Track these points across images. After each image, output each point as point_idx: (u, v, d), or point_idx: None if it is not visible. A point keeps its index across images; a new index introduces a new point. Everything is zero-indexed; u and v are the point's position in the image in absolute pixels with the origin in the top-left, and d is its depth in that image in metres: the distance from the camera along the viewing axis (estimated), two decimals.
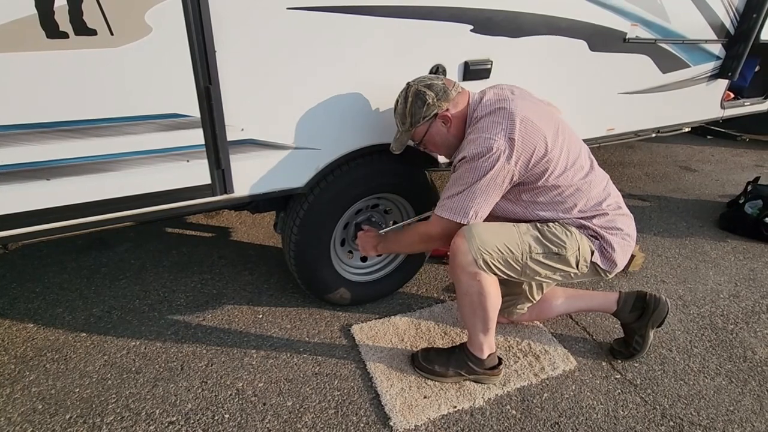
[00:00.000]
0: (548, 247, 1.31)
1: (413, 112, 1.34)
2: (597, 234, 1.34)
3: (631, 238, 1.39)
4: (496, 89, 1.38)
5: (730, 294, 2.05)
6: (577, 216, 1.34)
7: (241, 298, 1.88)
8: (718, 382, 1.57)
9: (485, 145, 1.23)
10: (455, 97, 1.34)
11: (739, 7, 2.24)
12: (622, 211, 1.40)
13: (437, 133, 1.38)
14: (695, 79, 2.35)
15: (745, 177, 3.17)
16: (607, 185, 1.40)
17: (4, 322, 1.69)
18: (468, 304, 1.37)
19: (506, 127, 1.23)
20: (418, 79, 1.36)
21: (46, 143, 1.03)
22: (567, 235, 1.32)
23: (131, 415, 1.35)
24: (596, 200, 1.35)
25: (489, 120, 1.27)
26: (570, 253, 1.31)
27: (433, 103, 1.32)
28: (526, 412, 1.42)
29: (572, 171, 1.31)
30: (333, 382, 1.49)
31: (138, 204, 1.21)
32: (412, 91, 1.34)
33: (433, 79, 1.35)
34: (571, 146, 1.33)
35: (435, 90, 1.32)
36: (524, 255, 1.30)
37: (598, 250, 1.35)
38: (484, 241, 1.27)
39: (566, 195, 1.32)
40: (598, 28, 1.80)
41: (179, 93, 1.12)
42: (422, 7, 1.38)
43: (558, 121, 1.35)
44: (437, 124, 1.36)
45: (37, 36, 0.93)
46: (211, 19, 1.08)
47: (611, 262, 1.35)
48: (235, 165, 1.29)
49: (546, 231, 1.32)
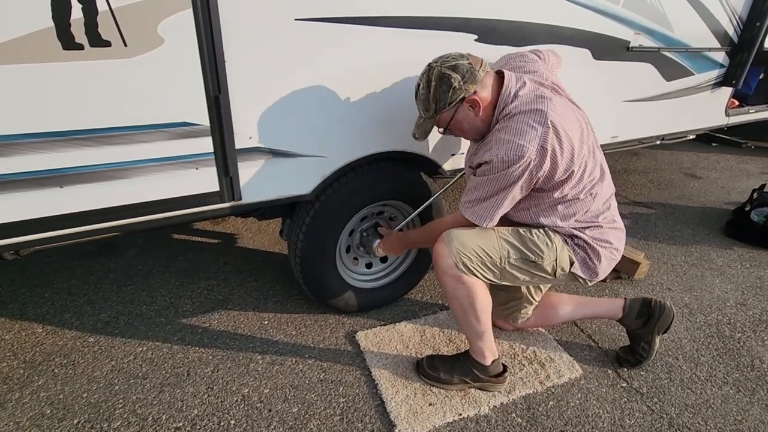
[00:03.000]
0: (525, 254, 1.32)
1: (438, 98, 1.22)
2: (586, 244, 1.34)
3: (618, 252, 1.40)
4: (535, 78, 1.27)
5: (737, 302, 2.04)
6: (573, 225, 1.34)
7: (246, 304, 1.89)
8: (726, 391, 1.56)
9: (517, 153, 1.15)
10: (483, 78, 1.21)
11: (742, 15, 2.26)
12: (616, 224, 1.40)
13: (464, 118, 1.26)
14: (699, 87, 2.35)
15: (750, 184, 3.15)
16: (609, 198, 1.39)
17: (14, 326, 1.71)
18: (458, 308, 1.39)
19: (541, 134, 1.16)
20: (441, 59, 1.22)
21: (61, 151, 1.05)
22: (547, 244, 1.32)
23: (138, 420, 1.36)
24: (595, 212, 1.35)
25: (523, 121, 1.17)
26: (546, 263, 1.33)
27: (459, 86, 1.19)
28: (531, 421, 1.41)
29: (585, 182, 1.30)
30: (338, 389, 1.50)
31: (148, 211, 1.22)
32: (435, 74, 1.20)
33: (457, 58, 1.20)
34: (590, 156, 1.29)
35: (461, 71, 1.18)
36: (502, 260, 1.31)
37: (581, 261, 1.36)
38: (463, 244, 1.29)
39: (570, 204, 1.32)
40: (601, 37, 1.82)
41: (190, 102, 1.15)
42: (427, 17, 1.40)
43: (583, 125, 1.30)
44: (464, 108, 1.24)
45: (54, 47, 0.96)
46: (221, 30, 1.11)
47: (593, 273, 1.37)
48: (243, 172, 1.31)
49: (527, 239, 1.33)
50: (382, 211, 1.79)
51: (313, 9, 1.22)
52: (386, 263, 1.89)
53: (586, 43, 1.79)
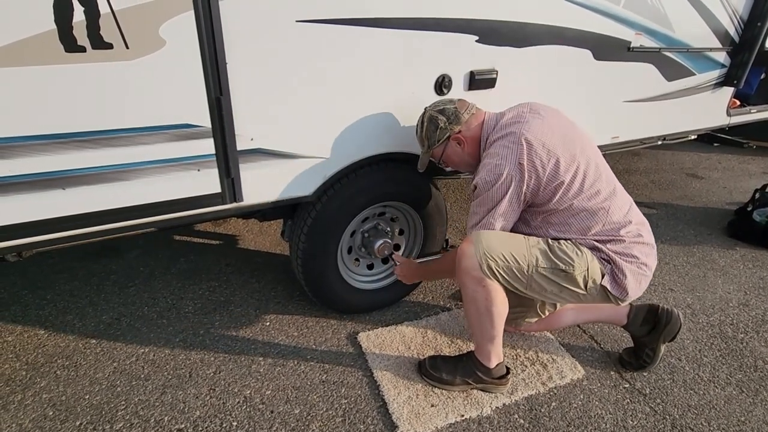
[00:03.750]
0: (555, 263, 1.28)
1: (429, 136, 1.44)
2: (610, 258, 1.30)
3: (648, 268, 1.33)
4: (517, 109, 1.39)
5: (740, 302, 2.03)
6: (592, 239, 1.31)
7: (248, 305, 1.89)
8: (729, 391, 1.56)
9: (496, 172, 1.27)
10: (468, 119, 1.41)
11: (743, 15, 2.25)
12: (643, 239, 1.33)
13: (453, 153, 1.46)
14: (700, 87, 2.35)
15: (752, 184, 3.15)
16: (628, 212, 1.34)
17: (16, 328, 1.72)
18: (474, 311, 1.37)
19: (516, 152, 1.26)
20: (433, 104, 1.45)
21: (63, 153, 1.05)
22: (577, 254, 1.29)
23: (140, 422, 1.36)
24: (614, 226, 1.31)
25: (499, 144, 1.31)
26: (578, 273, 1.28)
27: (444, 126, 1.40)
28: (534, 422, 1.41)
29: (587, 195, 1.29)
30: (340, 390, 1.50)
31: (150, 212, 1.23)
32: (427, 116, 1.44)
33: (446, 103, 1.43)
34: (589, 168, 1.30)
35: (446, 114, 1.41)
36: (530, 267, 1.29)
37: (610, 274, 1.30)
38: (491, 247, 1.28)
39: (580, 218, 1.30)
40: (602, 38, 1.81)
41: (191, 104, 1.15)
42: (428, 18, 1.40)
43: (576, 139, 1.32)
44: (452, 145, 1.44)
45: (57, 50, 0.96)
46: (222, 32, 1.11)
47: (622, 289, 1.30)
48: (244, 174, 1.31)
49: (556, 247, 1.30)
50: (383, 212, 1.79)
51: (314, 10, 1.22)
52: (388, 264, 1.89)
53: (586, 43, 1.79)
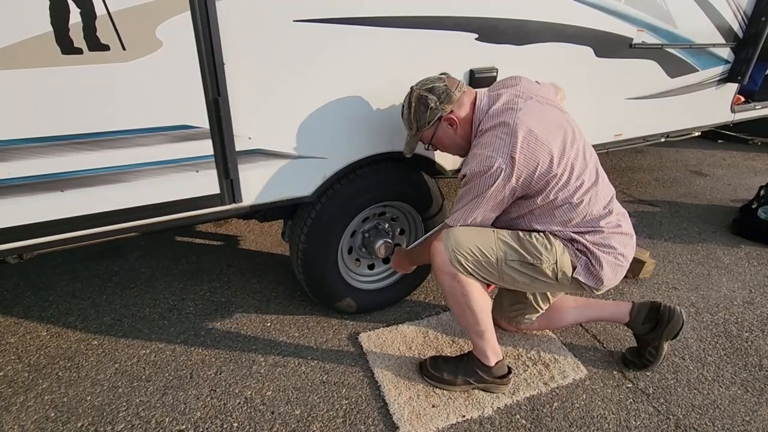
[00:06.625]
0: (524, 256, 1.29)
1: (418, 118, 1.34)
2: (586, 249, 1.29)
3: (625, 258, 1.33)
4: (510, 91, 1.33)
5: (745, 301, 2.01)
6: (571, 230, 1.31)
7: (249, 306, 1.89)
8: (734, 391, 1.54)
9: (486, 164, 1.22)
10: (459, 98, 1.33)
11: (747, 10, 2.23)
12: (622, 230, 1.33)
13: (444, 135, 1.38)
14: (704, 84, 2.33)
15: (757, 181, 3.12)
16: (609, 203, 1.33)
17: (19, 330, 1.72)
18: (456, 306, 1.40)
19: (508, 143, 1.22)
20: (420, 83, 1.35)
21: (61, 156, 1.05)
22: (546, 247, 1.29)
23: (141, 423, 1.36)
24: (594, 217, 1.30)
25: (492, 134, 1.26)
26: (546, 266, 1.29)
27: (435, 107, 1.31)
28: (536, 422, 1.40)
29: (573, 186, 1.27)
30: (341, 391, 1.49)
31: (149, 214, 1.23)
32: (415, 96, 1.33)
33: (435, 81, 1.33)
34: (577, 160, 1.28)
35: (437, 93, 1.31)
36: (499, 261, 1.30)
37: (584, 266, 1.30)
38: (459, 243, 1.29)
39: (563, 210, 1.29)
40: (603, 34, 1.80)
41: (189, 105, 1.15)
42: (427, 17, 1.39)
43: (568, 130, 1.29)
44: (443, 126, 1.36)
45: (53, 52, 0.96)
46: (219, 32, 1.11)
47: (597, 279, 1.30)
48: (243, 174, 1.31)
49: (525, 240, 1.30)
50: (383, 212, 1.78)
51: (311, 10, 1.22)
52: (388, 264, 1.88)
53: (588, 40, 1.77)
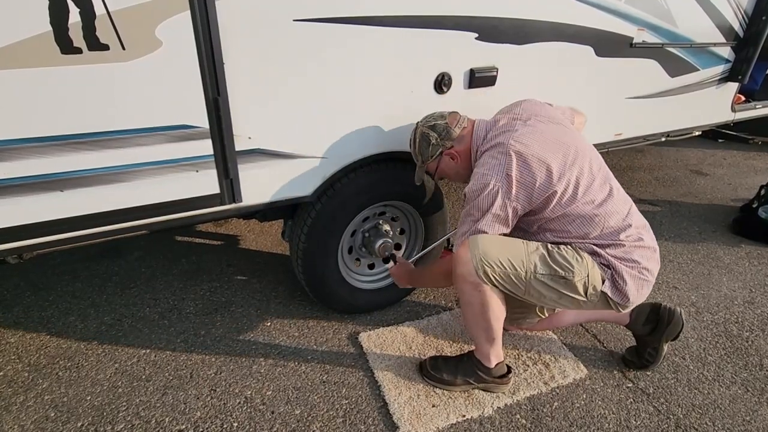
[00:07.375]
0: (555, 269, 1.25)
1: (422, 152, 1.44)
2: (609, 264, 1.27)
3: (650, 272, 1.30)
4: (510, 115, 1.38)
5: (745, 300, 2.01)
6: (590, 242, 1.29)
7: (249, 306, 1.89)
8: (734, 391, 1.54)
9: (482, 182, 1.25)
10: (459, 134, 1.40)
11: (747, 9, 2.22)
12: (644, 243, 1.29)
13: (447, 167, 1.45)
14: (704, 83, 2.32)
15: (758, 180, 3.12)
16: (627, 216, 1.30)
17: (19, 330, 1.72)
18: (470, 315, 1.37)
19: (503, 162, 1.24)
20: (425, 119, 1.44)
21: (61, 155, 1.05)
22: (577, 260, 1.26)
23: (141, 423, 1.36)
24: (613, 230, 1.28)
25: (488, 155, 1.30)
26: (578, 279, 1.25)
27: (436, 143, 1.40)
28: (536, 422, 1.40)
29: (582, 201, 1.26)
30: (341, 391, 1.49)
31: (149, 213, 1.22)
32: (419, 132, 1.43)
33: (437, 118, 1.42)
34: (582, 175, 1.27)
35: (437, 131, 1.40)
36: (528, 273, 1.26)
37: (610, 280, 1.27)
38: (487, 253, 1.25)
39: (577, 224, 1.28)
40: (604, 34, 1.80)
41: (188, 104, 1.14)
42: (427, 16, 1.39)
43: (570, 146, 1.29)
44: (445, 159, 1.43)
45: (52, 52, 0.96)
46: (219, 32, 1.11)
47: (622, 295, 1.27)
48: (243, 174, 1.31)
49: (555, 252, 1.27)
50: (384, 212, 1.78)
51: (311, 9, 1.21)
52: (389, 264, 1.88)
53: (588, 40, 1.77)
